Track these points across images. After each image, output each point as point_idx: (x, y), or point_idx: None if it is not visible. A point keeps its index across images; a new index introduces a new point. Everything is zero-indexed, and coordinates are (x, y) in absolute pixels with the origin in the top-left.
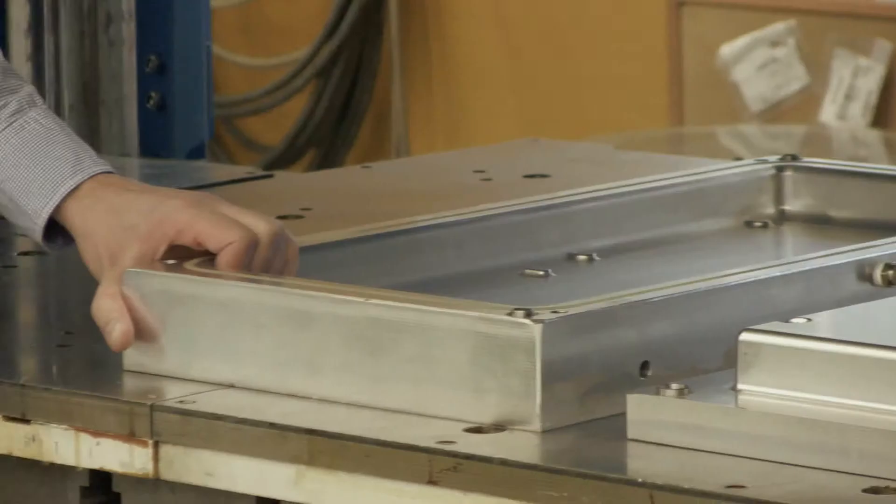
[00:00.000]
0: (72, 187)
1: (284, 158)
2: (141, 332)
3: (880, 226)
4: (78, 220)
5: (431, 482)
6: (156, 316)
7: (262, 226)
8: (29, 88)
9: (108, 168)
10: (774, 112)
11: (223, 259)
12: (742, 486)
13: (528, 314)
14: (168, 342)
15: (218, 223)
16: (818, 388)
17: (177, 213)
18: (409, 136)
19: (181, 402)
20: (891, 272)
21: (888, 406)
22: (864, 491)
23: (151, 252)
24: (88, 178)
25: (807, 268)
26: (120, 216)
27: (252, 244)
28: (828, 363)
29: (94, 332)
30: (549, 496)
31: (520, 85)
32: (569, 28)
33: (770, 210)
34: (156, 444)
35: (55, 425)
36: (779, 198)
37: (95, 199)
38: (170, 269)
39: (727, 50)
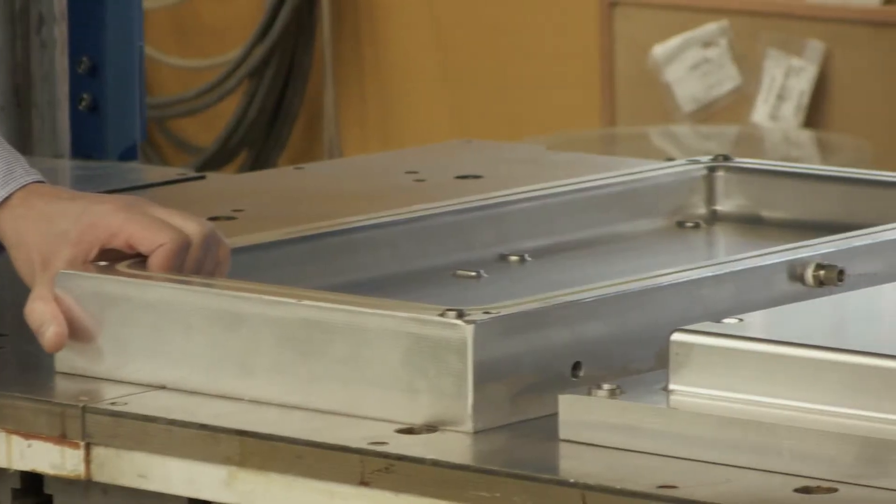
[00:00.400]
0: (3, 197)
1: (217, 160)
2: (74, 334)
3: (812, 226)
4: (10, 229)
5: (363, 483)
6: (89, 318)
7: (192, 227)
8: None
9: (40, 177)
10: (706, 112)
11: (154, 261)
12: (673, 487)
13: (460, 315)
14: (100, 344)
15: (149, 225)
16: (750, 388)
17: (108, 217)
18: (341, 137)
19: (113, 403)
20: (822, 272)
21: (819, 406)
22: (796, 491)
23: (83, 256)
24: (20, 188)
25: (738, 268)
26: (51, 223)
27: (183, 246)
28: (759, 363)
29: (26, 335)
30: (480, 497)
31: (452, 86)
32: (501, 29)
33: (702, 210)
34: (87, 446)
35: None
36: (711, 198)
37: (27, 208)
38: (101, 270)
39: (659, 50)
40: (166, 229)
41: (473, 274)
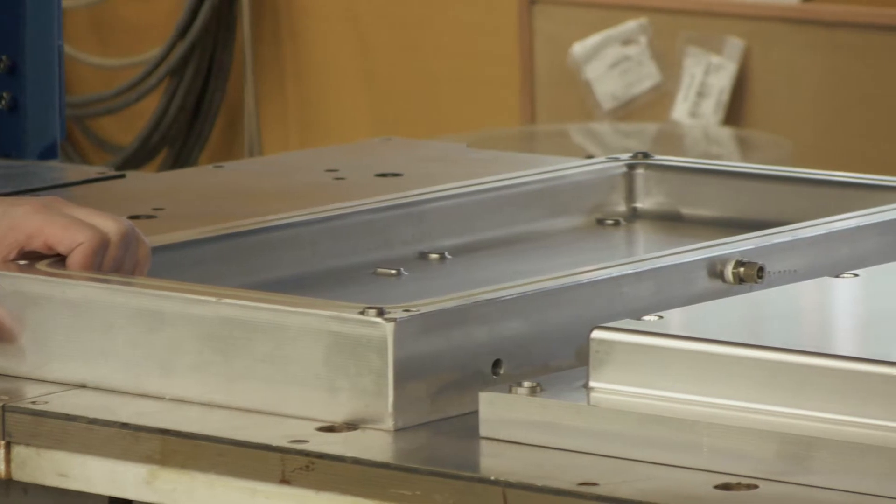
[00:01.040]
0: None
1: (137, 158)
2: None
3: (732, 223)
4: None
5: (284, 481)
6: (10, 317)
7: (111, 226)
8: None
9: None
10: (626, 110)
11: (73, 260)
12: (594, 484)
13: (380, 313)
14: (21, 343)
15: (67, 225)
16: (670, 385)
17: (26, 219)
18: (261, 135)
19: (33, 402)
20: (742, 269)
21: (739, 403)
22: (716, 487)
23: (2, 259)
24: None
25: (658, 265)
26: None
27: (102, 244)
28: (679, 360)
29: None
30: (401, 495)
31: (372, 84)
32: (421, 27)
33: (622, 208)
34: (8, 446)
35: None
36: (630, 195)
37: None
38: (21, 269)
39: (579, 48)
40: (84, 228)
41: (394, 272)
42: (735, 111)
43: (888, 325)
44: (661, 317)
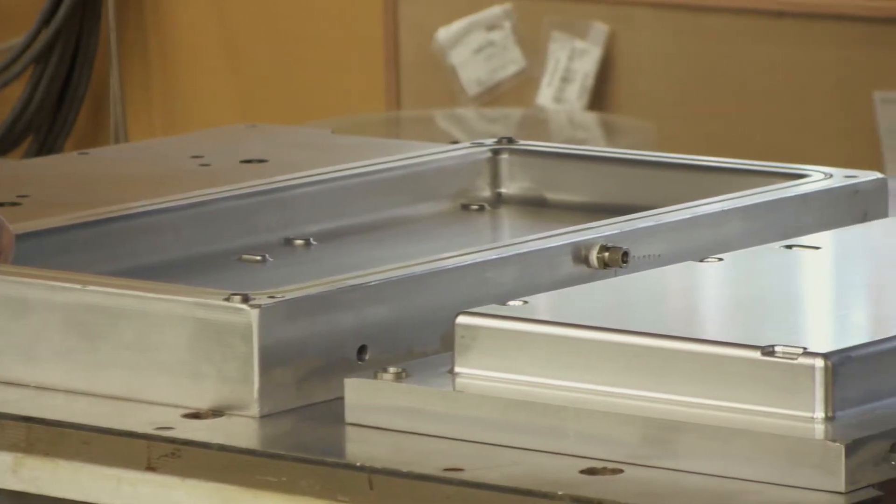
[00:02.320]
0: None
1: (1, 146)
2: None
3: (596, 208)
4: None
5: (150, 468)
6: None
7: None
8: None
9: None
10: (491, 95)
11: None
12: (460, 469)
13: (246, 299)
14: None
15: None
16: (535, 371)
17: None
18: (126, 122)
19: None
20: (606, 254)
21: (604, 387)
22: (581, 472)
23: None
24: None
25: (523, 250)
26: None
27: None
28: (544, 345)
29: None
30: (267, 481)
31: (237, 70)
32: (285, 12)
33: (487, 193)
34: None
35: None
36: (495, 181)
37: None
38: None
39: (443, 33)
40: None
41: (259, 258)
42: (599, 96)
43: (752, 309)
44: (526, 302)
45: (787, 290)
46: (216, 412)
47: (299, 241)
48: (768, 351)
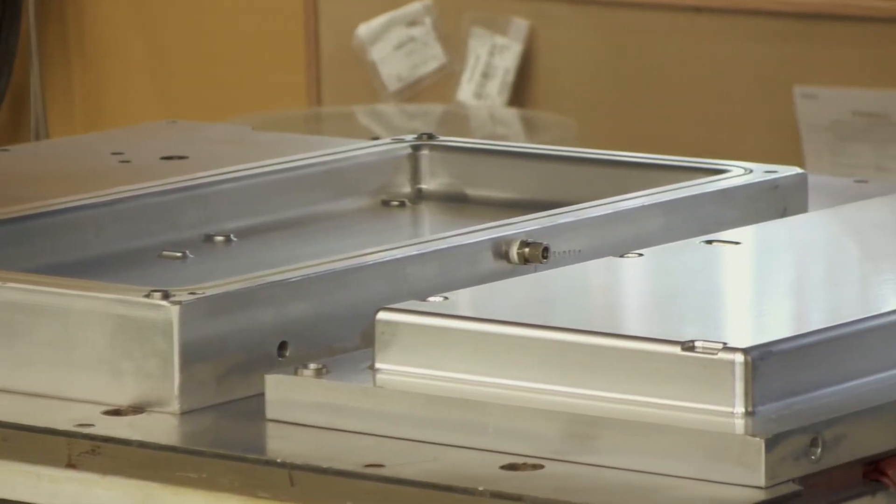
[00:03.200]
0: None
1: None
2: None
3: (517, 204)
4: None
5: (70, 465)
6: None
7: None
8: None
9: None
10: (412, 91)
11: None
12: (380, 465)
13: (166, 296)
14: None
15: None
16: (456, 366)
17: None
18: (47, 118)
19: None
20: (527, 249)
21: (525, 383)
22: (502, 468)
23: None
24: None
25: (443, 246)
26: None
27: None
28: (465, 341)
29: None
30: (187, 478)
31: (158, 67)
32: (206, 10)
33: (407, 189)
34: None
35: None
36: (415, 177)
37: None
38: None
39: (364, 29)
40: None
41: (179, 255)
42: (520, 92)
43: (672, 305)
44: (446, 298)
45: (708, 285)
46: (137, 409)
47: (220, 238)
48: (688, 346)
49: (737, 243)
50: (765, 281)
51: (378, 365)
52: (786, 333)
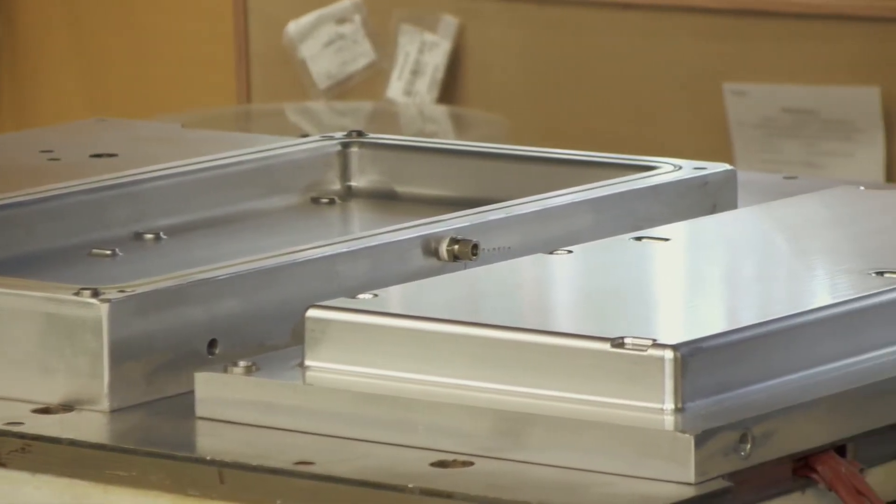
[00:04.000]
0: None
1: None
2: None
3: (447, 201)
4: None
5: (0, 464)
6: None
7: None
8: None
9: None
10: (342, 88)
11: None
12: (310, 463)
13: (95, 294)
14: None
15: None
16: (386, 364)
17: None
18: None
19: None
20: (456, 247)
21: (455, 380)
22: (432, 465)
23: None
24: None
25: (373, 243)
26: None
27: None
28: (394, 338)
29: None
30: (117, 476)
31: (87, 64)
32: (135, 6)
33: (337, 186)
34: None
35: None
36: (345, 174)
37: None
38: None
39: (293, 27)
40: None
41: (109, 253)
42: (450, 89)
43: (602, 301)
44: (376, 295)
45: (638, 281)
46: (66, 407)
47: (149, 236)
48: (618, 343)
49: (666, 240)
50: (695, 277)
51: (308, 362)
52: (715, 330)
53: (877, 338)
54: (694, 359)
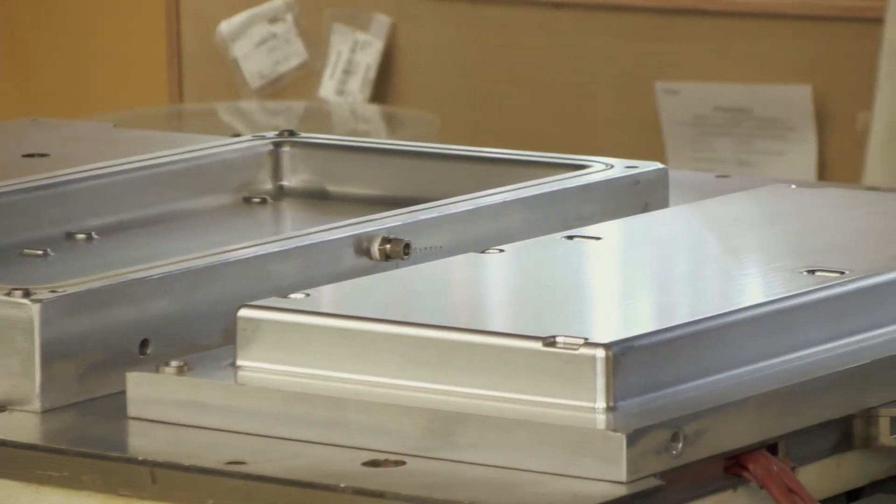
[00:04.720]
0: None
1: None
2: None
3: (379, 200)
4: None
5: None
6: None
7: None
8: None
9: None
10: (274, 88)
11: None
12: (242, 462)
13: (27, 294)
14: None
15: None
16: (317, 363)
17: None
18: None
19: None
20: (388, 246)
21: (387, 379)
22: (364, 464)
23: None
24: None
25: (305, 243)
26: None
27: None
28: (326, 337)
29: None
30: (49, 476)
31: (18, 64)
32: (66, 5)
33: (268, 186)
34: None
35: None
36: (277, 173)
37: None
38: None
39: (226, 26)
40: None
41: (40, 253)
42: (382, 88)
43: (534, 300)
44: (307, 294)
45: (570, 280)
46: None
47: (81, 236)
48: (550, 342)
49: (598, 238)
50: (626, 276)
51: (240, 362)
52: (647, 328)
53: (808, 336)
54: (625, 357)
